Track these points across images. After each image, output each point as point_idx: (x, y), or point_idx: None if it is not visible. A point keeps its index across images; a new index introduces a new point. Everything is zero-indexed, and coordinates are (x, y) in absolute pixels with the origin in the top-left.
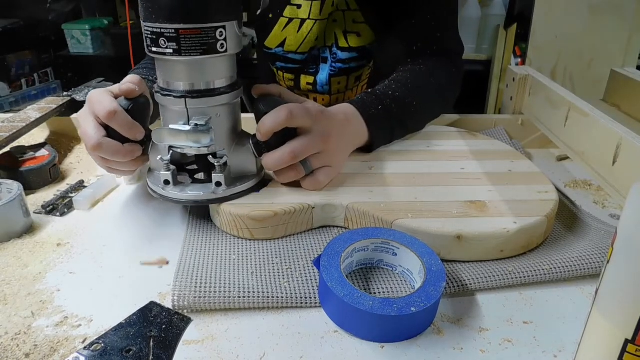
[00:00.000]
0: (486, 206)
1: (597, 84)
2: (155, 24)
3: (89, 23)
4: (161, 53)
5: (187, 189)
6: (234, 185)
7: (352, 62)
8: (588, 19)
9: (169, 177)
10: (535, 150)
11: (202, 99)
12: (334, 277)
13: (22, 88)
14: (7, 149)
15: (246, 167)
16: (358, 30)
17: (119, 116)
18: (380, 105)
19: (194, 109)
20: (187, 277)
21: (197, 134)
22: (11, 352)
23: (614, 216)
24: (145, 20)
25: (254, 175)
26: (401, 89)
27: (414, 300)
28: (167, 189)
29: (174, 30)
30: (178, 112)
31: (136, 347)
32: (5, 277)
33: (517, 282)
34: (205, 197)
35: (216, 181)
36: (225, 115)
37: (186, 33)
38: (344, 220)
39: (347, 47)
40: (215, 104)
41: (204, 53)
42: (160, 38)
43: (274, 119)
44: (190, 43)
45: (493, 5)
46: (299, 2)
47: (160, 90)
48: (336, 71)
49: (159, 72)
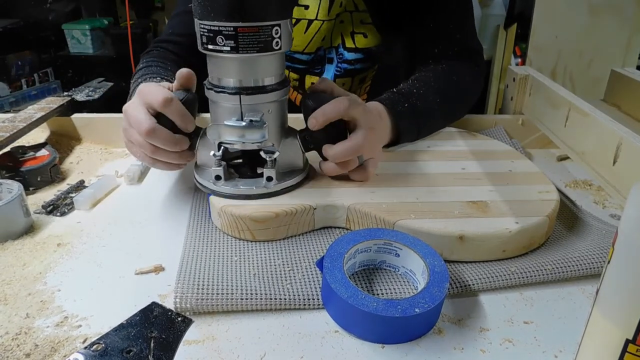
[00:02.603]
0: (488, 206)
1: (597, 84)
2: (213, 22)
3: (89, 23)
4: (218, 50)
5: (238, 183)
6: (283, 180)
7: (357, 63)
8: (588, 19)
9: (221, 173)
10: (535, 150)
11: (255, 95)
12: (337, 278)
13: (22, 88)
14: (7, 149)
15: (294, 162)
16: (365, 31)
17: (174, 104)
18: (407, 104)
19: (247, 105)
20: (189, 279)
21: (252, 130)
22: (11, 352)
23: (614, 216)
24: (201, 18)
25: (301, 170)
26: (425, 88)
27: (418, 301)
28: (218, 184)
29: (233, 29)
30: (230, 108)
31: (137, 347)
32: (5, 277)
33: (519, 282)
34: (258, 191)
35: (267, 176)
36: (276, 112)
37: (244, 31)
38: (345, 221)
39: (353, 48)
40: (267, 100)
41: (260, 50)
42: (217, 36)
43: (334, 109)
44: (247, 41)
45: (493, 5)
46: (306, 3)
47: (212, 87)
48: (342, 72)
49: (212, 69)
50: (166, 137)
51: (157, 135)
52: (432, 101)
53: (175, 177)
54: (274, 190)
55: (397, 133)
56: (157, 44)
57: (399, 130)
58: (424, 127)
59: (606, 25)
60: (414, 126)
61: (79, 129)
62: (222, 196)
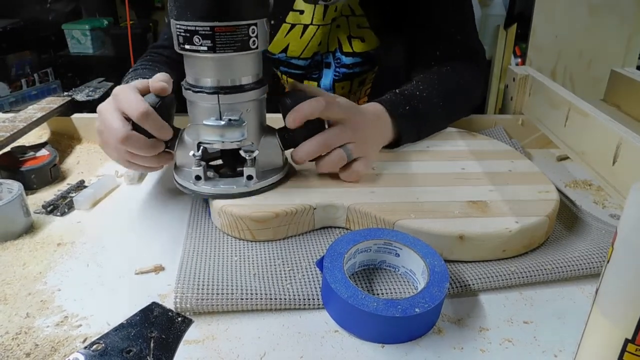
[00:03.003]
0: (487, 206)
1: (597, 84)
2: (189, 22)
3: (89, 23)
4: (195, 50)
5: (218, 183)
6: (264, 178)
7: (356, 67)
8: (588, 19)
9: (200, 173)
10: (535, 150)
11: (233, 94)
12: (337, 278)
13: (22, 88)
14: (7, 149)
15: (273, 160)
16: (362, 36)
17: (150, 117)
18: (408, 106)
19: (226, 105)
20: (189, 279)
21: (231, 129)
22: (11, 351)
23: (614, 216)
24: (177, 18)
25: (280, 168)
26: (428, 90)
27: (418, 301)
28: (198, 184)
29: (209, 28)
30: (209, 108)
31: (136, 347)
32: (5, 277)
33: (519, 282)
34: (238, 190)
35: (247, 175)
36: (254, 111)
37: (221, 31)
38: (345, 221)
39: (351, 52)
40: (246, 99)
41: (237, 50)
42: (194, 36)
43: (310, 107)
44: (224, 40)
45: (493, 5)
46: (301, 8)
47: (190, 87)
48: (340, 76)
49: (189, 69)
50: (141, 143)
51: (132, 141)
52: (435, 103)
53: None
54: (255, 189)
55: (398, 134)
56: (152, 50)
57: (399, 131)
58: (425, 128)
59: (606, 25)
60: (415, 128)
61: (79, 129)
62: (202, 196)
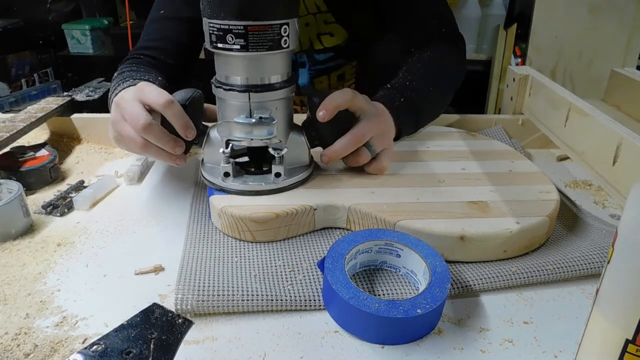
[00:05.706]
0: (488, 206)
1: (597, 84)
2: (223, 21)
3: (89, 23)
4: (227, 49)
5: (247, 180)
6: (291, 176)
7: (329, 62)
8: (588, 19)
9: (229, 169)
10: (535, 150)
11: (264, 93)
12: (339, 279)
13: (22, 88)
14: (7, 149)
15: (300, 158)
16: (331, 31)
17: (175, 108)
18: (402, 98)
19: (256, 103)
20: (190, 280)
21: (261, 127)
22: (11, 352)
23: (614, 216)
24: (211, 17)
25: (307, 166)
26: (417, 79)
27: (420, 302)
28: (227, 181)
29: (243, 27)
30: (239, 106)
31: (136, 349)
32: (5, 277)
33: (520, 282)
34: (267, 187)
35: (276, 172)
36: (283, 109)
37: (254, 30)
38: (346, 221)
39: (322, 49)
40: (275, 97)
41: (269, 49)
42: (227, 35)
43: (341, 97)
44: (257, 39)
45: (493, 5)
46: None
47: (221, 85)
48: (315, 73)
49: (220, 67)
50: (162, 134)
51: (153, 131)
52: (425, 91)
53: (175, 178)
54: (283, 186)
55: (398, 128)
56: (134, 52)
57: (399, 124)
58: (421, 118)
59: (606, 25)
60: (412, 118)
61: (79, 129)
62: (231, 192)
